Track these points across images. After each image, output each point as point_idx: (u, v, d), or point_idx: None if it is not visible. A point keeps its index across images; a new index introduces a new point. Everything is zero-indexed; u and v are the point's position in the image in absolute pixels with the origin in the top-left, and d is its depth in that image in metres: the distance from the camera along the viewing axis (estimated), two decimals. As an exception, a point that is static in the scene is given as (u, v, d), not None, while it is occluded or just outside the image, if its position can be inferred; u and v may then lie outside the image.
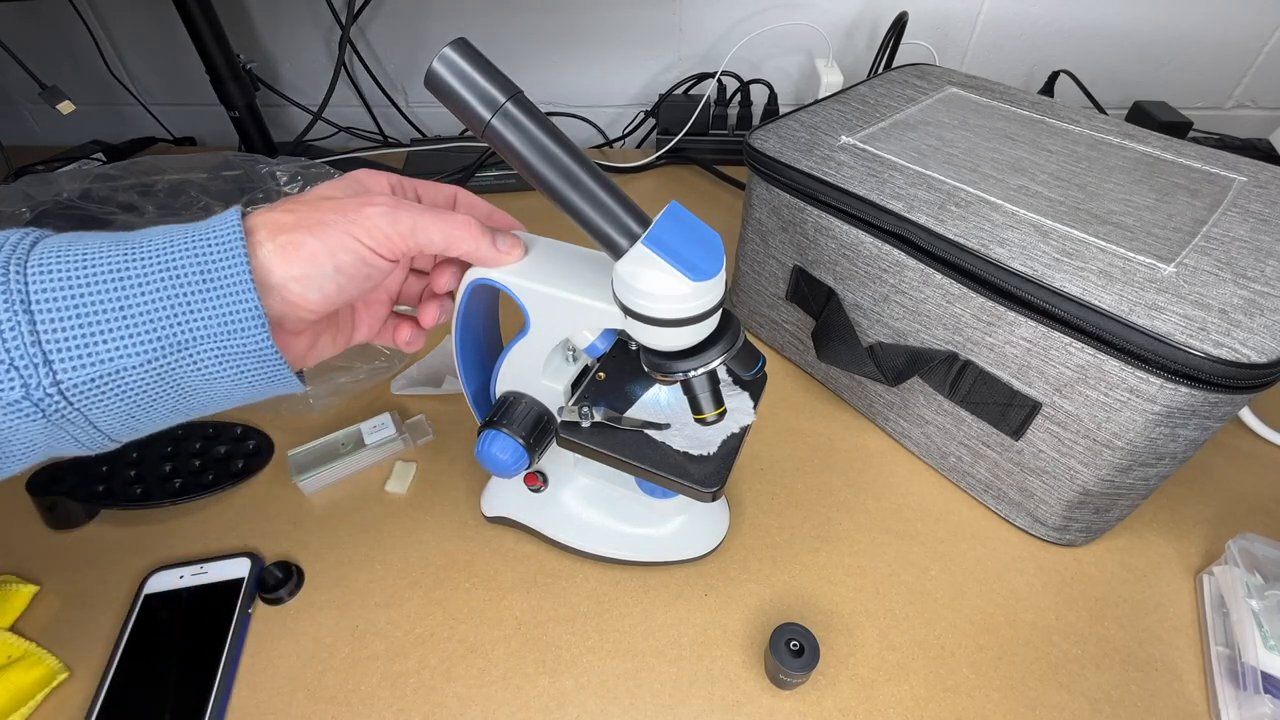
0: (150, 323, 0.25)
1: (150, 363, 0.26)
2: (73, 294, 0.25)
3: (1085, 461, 0.43)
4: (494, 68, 0.28)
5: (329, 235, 0.28)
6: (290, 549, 0.49)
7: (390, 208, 0.30)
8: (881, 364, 0.50)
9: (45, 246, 0.25)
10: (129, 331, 0.25)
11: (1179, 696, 0.41)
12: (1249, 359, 0.35)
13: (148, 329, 0.25)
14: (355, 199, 0.30)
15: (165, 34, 0.87)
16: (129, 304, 0.25)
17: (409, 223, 0.30)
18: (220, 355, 0.27)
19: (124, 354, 0.25)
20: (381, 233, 0.29)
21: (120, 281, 0.25)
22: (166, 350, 0.26)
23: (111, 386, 0.26)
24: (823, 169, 0.51)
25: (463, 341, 0.41)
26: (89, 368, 0.25)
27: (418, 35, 0.92)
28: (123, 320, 0.25)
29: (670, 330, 0.31)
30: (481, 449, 0.40)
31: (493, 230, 0.34)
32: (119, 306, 0.25)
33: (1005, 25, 0.88)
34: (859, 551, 0.48)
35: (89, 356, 0.25)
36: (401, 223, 0.30)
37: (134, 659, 0.42)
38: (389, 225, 0.30)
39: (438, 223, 0.31)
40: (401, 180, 0.36)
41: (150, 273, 0.25)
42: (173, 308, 0.26)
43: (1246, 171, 0.48)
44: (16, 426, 0.25)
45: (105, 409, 0.26)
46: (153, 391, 0.27)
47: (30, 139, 1.04)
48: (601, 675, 0.42)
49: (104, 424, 0.27)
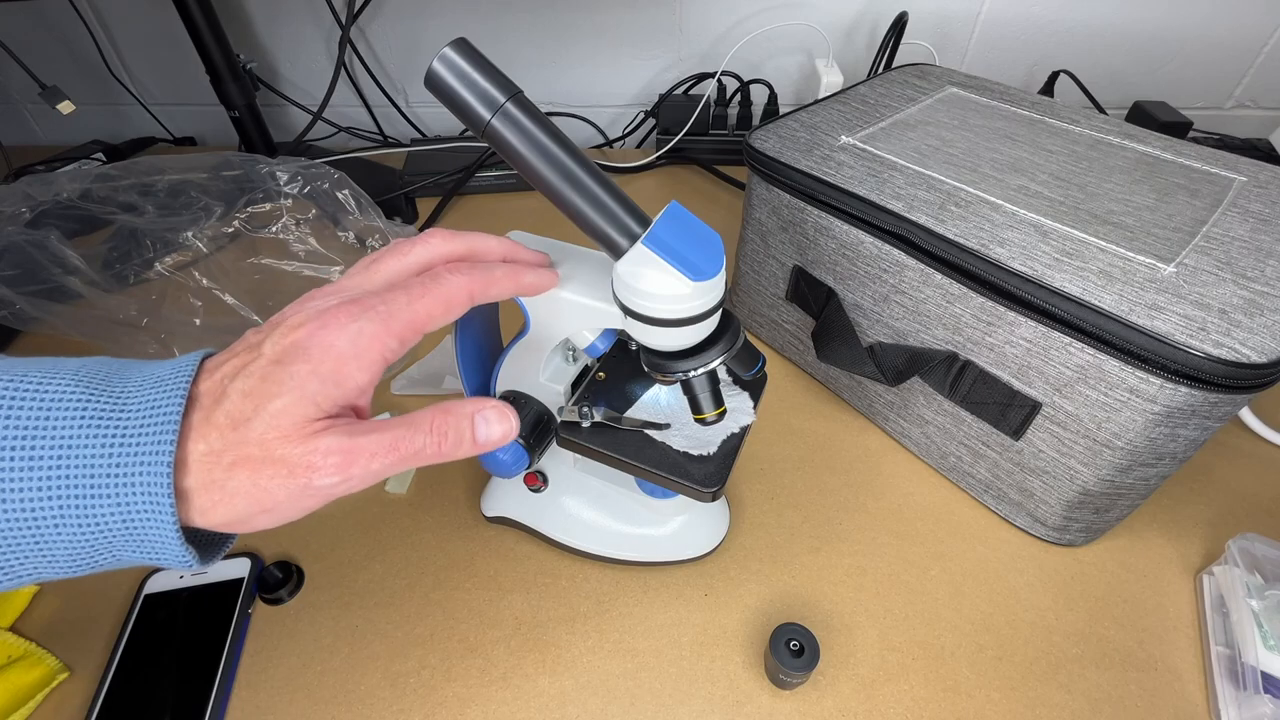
0: (70, 557, 0.24)
1: (70, 574, 0.25)
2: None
3: (1085, 461, 0.43)
4: (494, 68, 0.28)
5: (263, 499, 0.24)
6: (290, 549, 0.48)
7: (343, 472, 0.25)
8: (881, 364, 0.50)
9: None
10: (47, 561, 0.23)
11: (1179, 696, 0.41)
12: (1249, 359, 0.35)
13: (66, 561, 0.24)
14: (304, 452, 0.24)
15: (165, 34, 0.87)
16: (47, 543, 0.23)
17: (360, 480, 0.26)
18: (143, 563, 0.25)
19: (41, 573, 0.24)
20: (332, 490, 0.25)
21: (36, 523, 0.23)
22: (87, 569, 0.25)
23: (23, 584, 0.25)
24: (823, 169, 0.51)
25: (463, 341, 0.41)
26: (3, 584, 0.24)
27: (418, 35, 0.92)
28: (40, 554, 0.23)
29: (670, 330, 0.31)
30: (481, 449, 0.40)
31: (475, 416, 0.29)
32: (35, 544, 0.23)
33: (1005, 25, 0.88)
34: (859, 551, 0.48)
35: (3, 577, 0.23)
36: (352, 483, 0.25)
37: (134, 659, 0.42)
38: (346, 489, 0.25)
39: (398, 460, 0.26)
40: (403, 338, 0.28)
41: (68, 516, 0.23)
42: (95, 548, 0.24)
43: (1246, 171, 0.48)
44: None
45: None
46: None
47: (30, 139, 1.04)
48: (601, 675, 0.42)
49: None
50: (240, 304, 0.56)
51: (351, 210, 0.63)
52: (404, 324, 0.27)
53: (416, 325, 0.28)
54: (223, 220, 0.60)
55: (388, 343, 0.27)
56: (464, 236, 0.31)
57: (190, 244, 0.59)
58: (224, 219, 0.60)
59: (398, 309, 0.27)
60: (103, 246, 0.58)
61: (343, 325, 0.26)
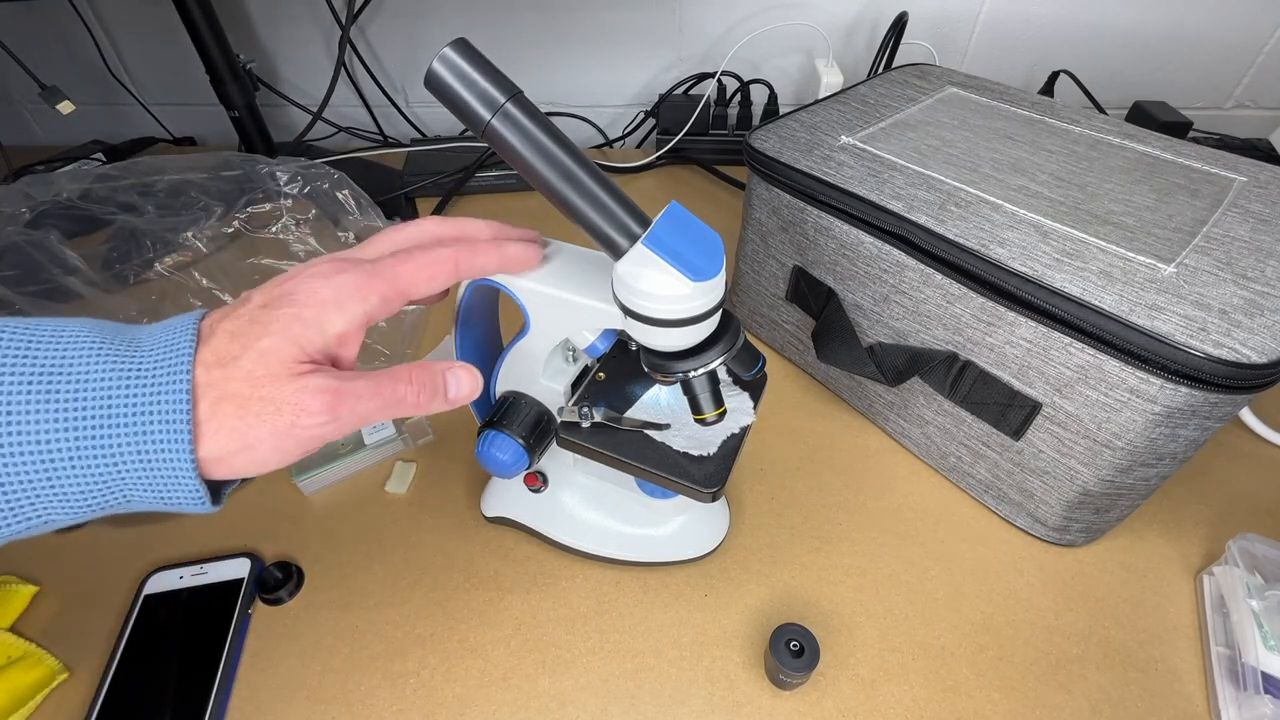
0: (81, 495, 0.24)
1: (79, 519, 0.25)
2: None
3: (1085, 462, 0.43)
4: (494, 68, 0.28)
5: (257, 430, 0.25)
6: (290, 549, 0.48)
7: (331, 411, 0.26)
8: (881, 364, 0.50)
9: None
10: (57, 500, 0.24)
11: (1179, 696, 0.41)
12: (1249, 359, 0.35)
13: (78, 500, 0.24)
14: (295, 389, 0.25)
15: (165, 34, 0.87)
16: (59, 478, 0.23)
17: (350, 421, 0.27)
18: (150, 507, 0.26)
19: (49, 516, 0.24)
20: (319, 429, 0.26)
21: (49, 456, 0.23)
22: (96, 511, 0.25)
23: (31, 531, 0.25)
24: (823, 169, 0.51)
25: (463, 341, 0.41)
26: (12, 526, 0.24)
27: (418, 35, 0.92)
28: (51, 492, 0.23)
29: (670, 330, 0.31)
30: (481, 449, 0.40)
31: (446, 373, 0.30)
32: (48, 480, 0.23)
33: (1005, 25, 0.88)
34: (859, 551, 0.48)
35: (12, 519, 0.24)
36: (344, 423, 0.27)
37: (134, 659, 0.42)
38: (333, 430, 0.26)
39: (382, 405, 0.28)
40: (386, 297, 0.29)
41: (83, 448, 0.23)
42: (107, 484, 0.24)
43: (1246, 171, 0.48)
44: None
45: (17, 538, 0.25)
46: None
47: (30, 139, 1.04)
48: (601, 675, 0.42)
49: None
50: (240, 304, 0.56)
51: (351, 210, 0.63)
52: (386, 282, 0.28)
53: (399, 286, 0.29)
54: (223, 220, 0.60)
55: (369, 297, 0.28)
56: (455, 220, 0.33)
57: (190, 244, 0.59)
58: (224, 219, 0.60)
59: (382, 268, 0.28)
60: (103, 246, 0.58)
61: (328, 276, 0.27)
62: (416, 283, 0.29)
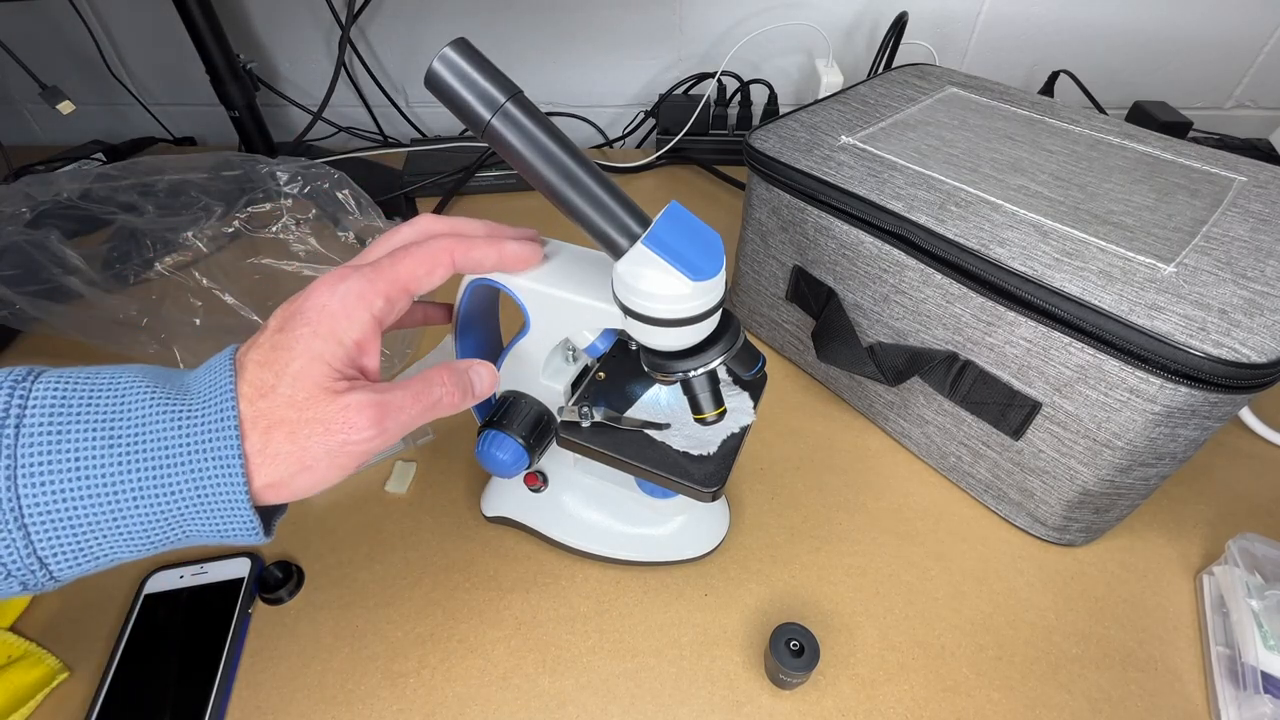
0: (145, 533, 0.25)
1: (142, 555, 0.26)
2: (68, 510, 0.24)
3: (1085, 461, 0.43)
4: (494, 68, 0.28)
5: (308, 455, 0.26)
6: (290, 549, 0.48)
7: (375, 421, 0.27)
8: (881, 364, 0.50)
9: (31, 445, 0.24)
10: (123, 539, 0.25)
11: (1179, 696, 0.41)
12: (1249, 359, 0.35)
13: (142, 537, 0.26)
14: (339, 408, 0.26)
15: (165, 34, 0.87)
16: (124, 518, 0.25)
17: (395, 430, 0.28)
18: (207, 540, 0.27)
19: (118, 553, 0.26)
20: (367, 449, 0.27)
21: (115, 497, 0.24)
22: (159, 547, 0.26)
23: (99, 569, 0.26)
24: (823, 169, 0.51)
25: (463, 342, 0.41)
26: (84, 566, 0.25)
27: (418, 35, 0.92)
28: (117, 531, 0.25)
29: (670, 330, 0.31)
30: (481, 449, 0.40)
31: (469, 371, 0.32)
32: (114, 520, 0.25)
33: (1005, 25, 0.88)
34: (859, 551, 0.48)
35: (85, 559, 0.25)
36: (389, 433, 0.28)
37: (134, 659, 0.42)
38: (376, 439, 0.27)
39: (424, 414, 0.29)
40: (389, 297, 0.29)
41: (145, 488, 0.25)
42: (168, 521, 0.26)
43: (1246, 171, 0.48)
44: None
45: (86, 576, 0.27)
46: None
47: (30, 139, 1.04)
48: (601, 675, 0.42)
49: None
50: (240, 304, 0.56)
51: (351, 210, 0.63)
52: (388, 281, 0.29)
53: (400, 283, 0.30)
54: (223, 220, 0.60)
55: (374, 300, 0.29)
56: (451, 218, 0.34)
57: (190, 244, 0.59)
58: (224, 219, 0.60)
59: (382, 269, 0.29)
60: (103, 246, 0.58)
61: (331, 286, 0.28)
62: (416, 277, 0.30)
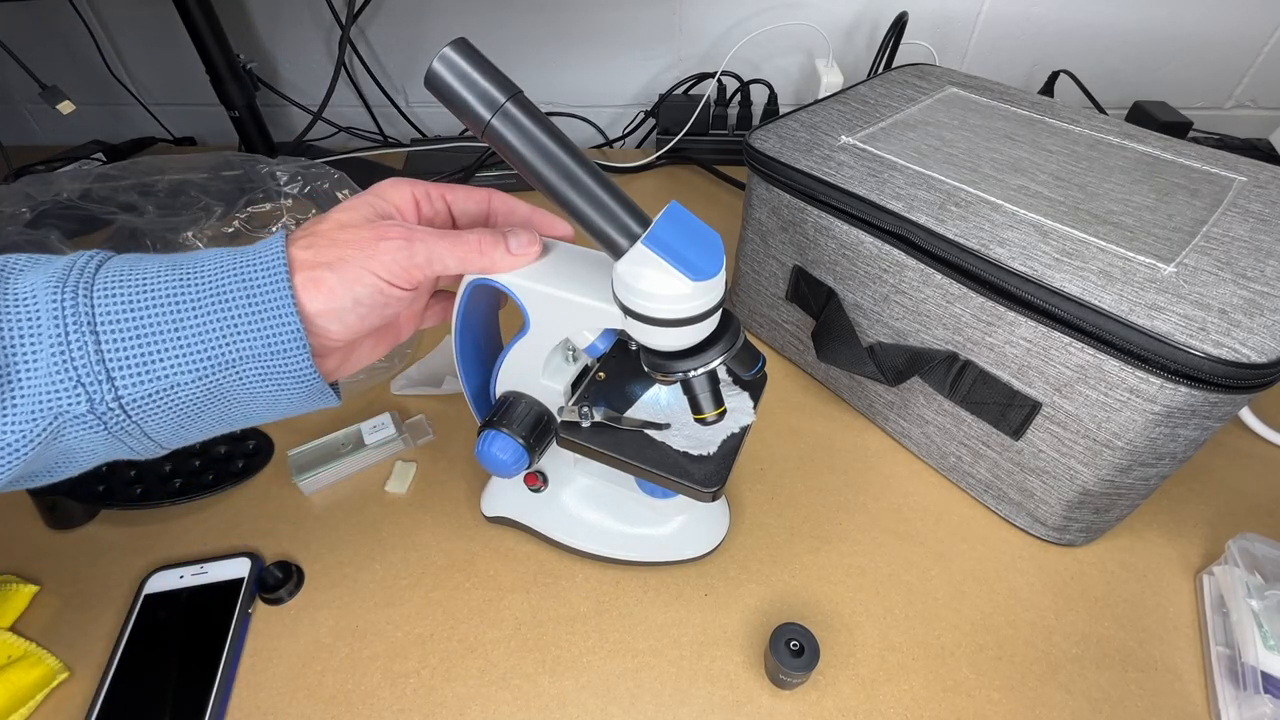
0: (202, 343, 0.27)
1: (201, 379, 0.28)
2: (133, 316, 0.27)
3: (1085, 461, 0.43)
4: (494, 68, 0.28)
5: (347, 271, 0.29)
6: (290, 549, 0.49)
7: (406, 241, 0.30)
8: (881, 364, 0.50)
9: (108, 270, 0.28)
10: (183, 351, 0.27)
11: (1179, 696, 0.41)
12: (1249, 359, 0.35)
13: (199, 349, 0.27)
14: (372, 229, 0.31)
15: (165, 34, 0.87)
16: (184, 327, 0.27)
17: (424, 254, 0.31)
18: (264, 374, 0.29)
19: (178, 371, 0.27)
20: (399, 265, 0.30)
21: (176, 306, 0.27)
22: (216, 368, 0.28)
23: (166, 400, 0.28)
24: (823, 169, 0.51)
25: (463, 341, 0.41)
26: (147, 384, 0.27)
27: (418, 35, 0.92)
28: (178, 341, 0.27)
29: (670, 330, 0.31)
30: (481, 449, 0.40)
31: (505, 232, 0.34)
32: (174, 329, 0.27)
33: (1005, 25, 0.88)
34: (859, 551, 0.48)
35: (147, 374, 0.27)
36: (418, 254, 0.31)
37: (134, 659, 0.42)
38: (406, 259, 0.30)
39: (453, 250, 0.32)
40: (429, 189, 0.35)
41: (202, 298, 0.28)
42: (223, 331, 0.28)
43: (1246, 171, 0.48)
44: (82, 438, 0.27)
45: (159, 421, 0.28)
46: (202, 404, 0.29)
47: (30, 139, 1.04)
48: (601, 675, 0.42)
49: (157, 434, 0.29)
50: (240, 304, 0.56)
51: (351, 210, 0.62)
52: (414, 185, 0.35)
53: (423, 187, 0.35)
54: (223, 220, 0.60)
55: (403, 184, 0.34)
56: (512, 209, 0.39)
57: (190, 244, 0.59)
58: (224, 219, 0.60)
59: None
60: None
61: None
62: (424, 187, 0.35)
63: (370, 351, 0.37)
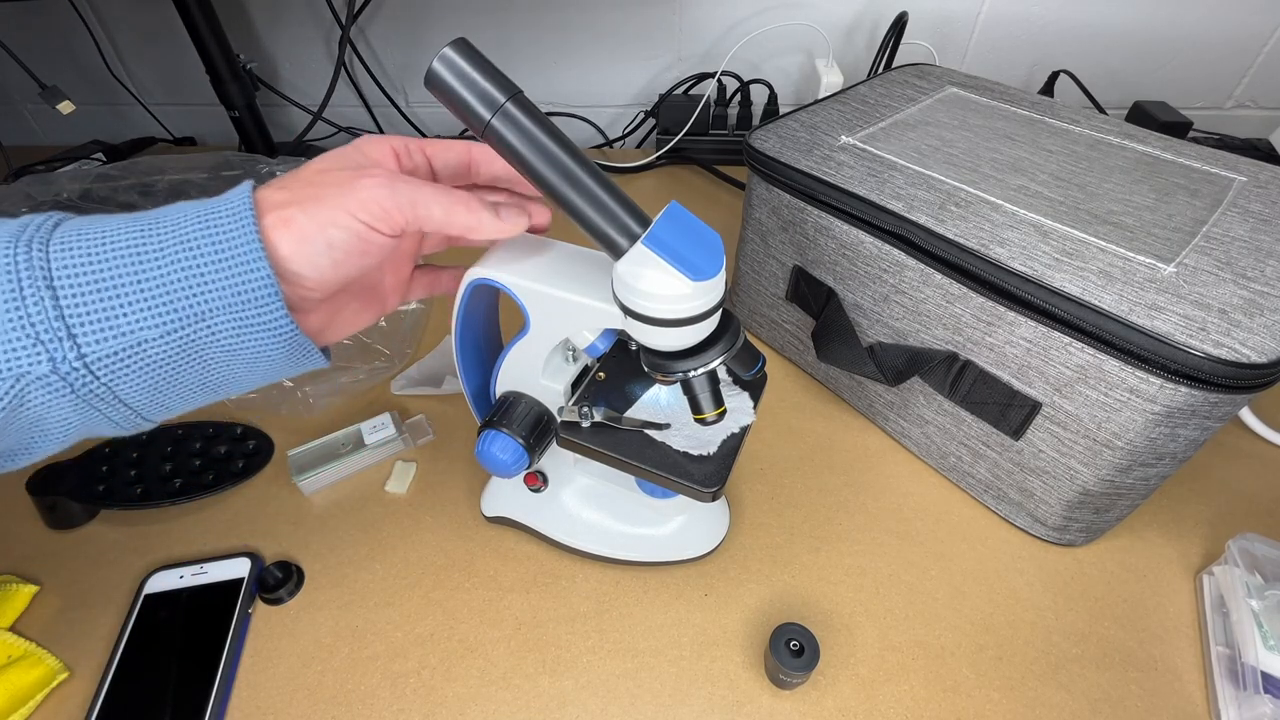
0: (167, 294, 0.26)
1: (170, 334, 0.26)
2: (92, 269, 0.25)
3: (1085, 461, 0.43)
4: (494, 67, 0.28)
5: (320, 211, 0.27)
6: (290, 549, 0.49)
7: (387, 181, 0.29)
8: (881, 364, 0.50)
9: (67, 227, 0.26)
10: (147, 303, 0.25)
11: (1179, 696, 0.41)
12: (1249, 359, 0.35)
13: (165, 301, 0.26)
14: (352, 172, 0.29)
15: (165, 34, 0.87)
16: (146, 277, 0.25)
17: (408, 195, 0.29)
18: (238, 327, 0.27)
19: (143, 325, 0.26)
20: (379, 206, 0.28)
21: (137, 256, 0.25)
22: (185, 321, 0.26)
23: (135, 359, 0.26)
24: (823, 169, 0.51)
25: (463, 341, 0.41)
26: (111, 340, 0.25)
27: (418, 35, 0.92)
28: (141, 292, 0.25)
29: (670, 330, 0.31)
30: (481, 449, 0.40)
31: (494, 204, 0.33)
32: (136, 279, 0.25)
33: (1005, 25, 0.88)
34: (859, 551, 0.48)
35: (111, 329, 0.25)
36: (400, 195, 0.29)
37: (134, 659, 0.42)
38: (387, 198, 0.28)
39: (437, 196, 0.30)
40: (408, 142, 0.34)
41: (165, 246, 0.26)
42: (188, 279, 0.26)
43: (1246, 171, 0.48)
44: (49, 403, 0.25)
45: (131, 384, 0.27)
46: (176, 365, 0.27)
47: (30, 139, 1.04)
48: (601, 675, 0.42)
49: (133, 400, 0.27)
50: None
51: (351, 210, 0.62)
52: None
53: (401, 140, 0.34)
54: (223, 220, 0.60)
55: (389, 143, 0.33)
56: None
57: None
58: (224, 219, 0.60)
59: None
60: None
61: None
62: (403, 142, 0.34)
63: (355, 316, 0.35)
